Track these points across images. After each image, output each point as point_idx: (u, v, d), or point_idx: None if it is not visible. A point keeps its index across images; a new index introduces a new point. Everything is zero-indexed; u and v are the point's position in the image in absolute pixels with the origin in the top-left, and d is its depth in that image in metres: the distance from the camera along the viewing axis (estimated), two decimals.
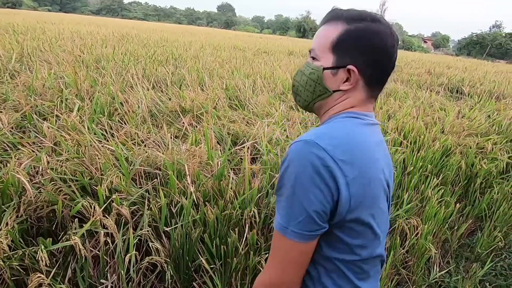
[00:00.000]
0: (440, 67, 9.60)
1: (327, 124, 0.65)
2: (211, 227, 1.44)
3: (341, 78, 0.64)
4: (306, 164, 0.56)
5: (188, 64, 4.64)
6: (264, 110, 3.13)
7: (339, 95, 0.66)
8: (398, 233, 1.88)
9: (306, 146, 0.57)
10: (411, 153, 2.53)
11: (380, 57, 0.63)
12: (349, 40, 0.62)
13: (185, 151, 1.91)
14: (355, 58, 0.62)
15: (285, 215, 0.58)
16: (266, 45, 12.47)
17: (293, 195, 0.57)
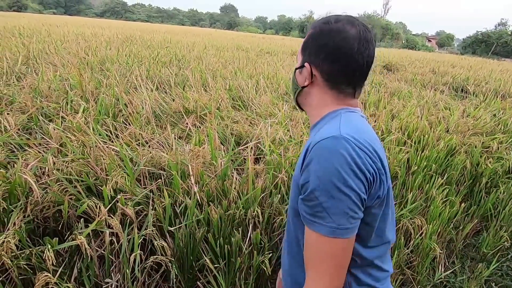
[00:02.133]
0: (445, 66, 9.52)
1: (334, 120, 0.67)
2: (215, 227, 1.45)
3: (304, 75, 0.71)
4: (342, 158, 0.57)
5: (191, 65, 4.67)
6: (267, 110, 3.14)
7: (308, 91, 0.72)
8: (403, 233, 1.87)
9: (337, 141, 0.58)
10: (415, 152, 2.52)
11: (337, 53, 0.65)
12: (309, 41, 0.70)
13: (189, 151, 1.92)
14: (311, 56, 0.70)
15: (331, 215, 0.57)
16: (269, 45, 12.48)
17: (337, 191, 0.56)
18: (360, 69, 0.67)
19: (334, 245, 0.58)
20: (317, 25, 0.70)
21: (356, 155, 0.58)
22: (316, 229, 0.59)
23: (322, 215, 0.57)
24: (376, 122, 2.96)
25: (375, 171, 0.60)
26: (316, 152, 0.59)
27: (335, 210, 0.57)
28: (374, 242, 0.67)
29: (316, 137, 0.62)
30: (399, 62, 9.33)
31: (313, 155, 0.59)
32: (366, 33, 0.66)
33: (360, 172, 0.57)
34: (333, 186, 0.56)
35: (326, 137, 0.60)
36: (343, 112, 0.68)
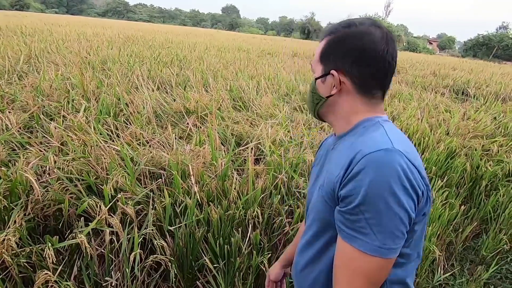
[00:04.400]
0: (446, 69, 9.53)
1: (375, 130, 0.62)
2: (215, 226, 1.45)
3: (330, 84, 0.66)
4: (396, 174, 0.53)
5: (192, 66, 4.68)
6: (268, 111, 3.14)
7: (335, 100, 0.68)
8: None
9: (391, 155, 0.54)
10: None
11: (367, 56, 0.62)
12: (330, 48, 0.66)
13: (189, 151, 1.93)
14: (336, 62, 0.65)
15: (376, 232, 0.53)
16: (270, 46, 12.50)
17: (386, 208, 0.52)
18: (390, 70, 0.64)
19: (372, 263, 0.54)
20: (338, 29, 0.66)
21: (409, 171, 0.54)
22: (356, 245, 0.55)
23: (366, 231, 0.53)
24: None
25: (424, 188, 0.57)
26: (367, 164, 0.54)
27: (382, 229, 0.53)
28: (407, 259, 0.63)
29: (363, 148, 0.57)
30: (400, 64, 9.33)
31: (363, 167, 0.54)
32: (390, 34, 0.64)
33: (412, 190, 0.54)
34: (384, 203, 0.52)
35: (378, 149, 0.55)
36: (381, 121, 0.64)
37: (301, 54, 9.98)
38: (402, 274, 0.64)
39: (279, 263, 1.02)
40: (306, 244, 0.73)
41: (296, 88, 4.18)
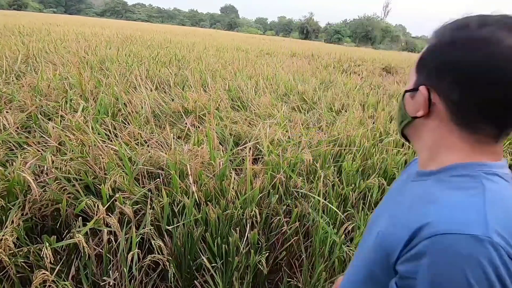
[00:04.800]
0: None
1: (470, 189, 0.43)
2: (213, 226, 1.46)
3: (419, 103, 0.49)
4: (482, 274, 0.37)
5: (191, 66, 4.68)
6: (266, 111, 3.15)
7: (424, 124, 0.50)
8: None
9: (479, 247, 0.37)
10: (413, 154, 2.53)
11: (475, 75, 0.43)
12: (429, 55, 0.49)
13: (188, 151, 1.93)
14: (431, 76, 0.48)
15: None
16: (269, 46, 12.51)
17: None
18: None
19: None
20: (446, 32, 0.47)
21: (504, 271, 0.37)
22: None
23: None
24: (375, 124, 2.98)
25: None
26: (439, 249, 0.39)
27: None
28: None
29: (438, 218, 0.41)
30: (398, 64, 9.37)
31: (432, 250, 0.39)
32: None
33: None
34: None
35: (462, 232, 0.38)
36: (485, 176, 0.44)
37: (299, 54, 9.99)
38: None
39: None
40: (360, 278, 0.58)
41: (294, 88, 4.18)
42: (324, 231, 1.60)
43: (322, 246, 1.60)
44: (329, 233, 1.57)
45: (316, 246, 1.62)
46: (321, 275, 1.42)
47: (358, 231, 1.70)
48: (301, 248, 1.65)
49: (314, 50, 12.72)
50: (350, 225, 1.73)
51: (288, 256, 1.70)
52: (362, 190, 2.01)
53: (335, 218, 1.79)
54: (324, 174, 1.97)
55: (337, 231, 1.66)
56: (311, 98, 3.82)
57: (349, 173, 2.07)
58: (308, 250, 1.68)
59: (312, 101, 3.75)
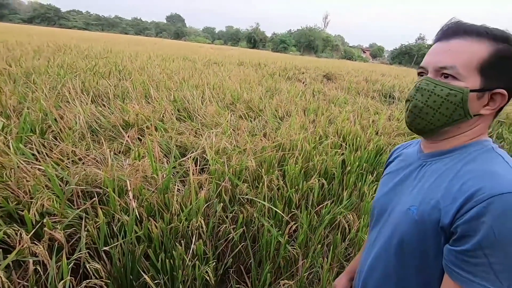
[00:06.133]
0: (376, 75, 10.63)
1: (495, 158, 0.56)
2: (156, 241, 1.42)
3: (483, 102, 0.57)
4: None
5: (132, 76, 4.48)
6: (213, 120, 3.16)
7: (474, 120, 0.59)
8: (340, 229, 2.04)
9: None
10: (350, 153, 2.77)
11: None
12: (500, 61, 0.55)
13: (128, 166, 1.85)
14: (504, 81, 0.56)
15: (504, 279, 0.49)
16: (217, 55, 12.56)
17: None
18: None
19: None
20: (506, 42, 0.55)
21: None
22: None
23: (488, 276, 0.49)
24: (315, 127, 3.19)
25: None
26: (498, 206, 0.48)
27: (508, 275, 0.49)
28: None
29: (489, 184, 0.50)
30: (337, 71, 10.14)
31: (492, 208, 0.48)
32: None
33: None
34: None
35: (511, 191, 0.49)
36: (495, 148, 0.59)
37: (247, 63, 10.22)
38: None
39: (346, 275, 0.94)
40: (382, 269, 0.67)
41: (241, 96, 4.27)
42: (269, 233, 1.67)
43: (268, 248, 1.66)
44: (273, 235, 1.63)
45: (263, 248, 1.67)
46: (267, 277, 1.47)
47: (301, 230, 1.80)
48: (249, 253, 1.69)
49: (261, 59, 13.13)
50: (294, 225, 1.82)
51: (238, 263, 1.73)
52: (305, 191, 2.14)
53: (280, 220, 1.87)
54: (269, 178, 2.05)
55: (282, 233, 1.73)
56: (257, 106, 3.94)
57: (292, 176, 2.19)
58: (256, 254, 1.72)
59: (258, 109, 3.87)
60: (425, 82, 0.60)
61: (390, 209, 0.68)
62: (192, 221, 1.54)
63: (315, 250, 1.77)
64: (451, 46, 0.57)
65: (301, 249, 1.76)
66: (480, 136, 0.60)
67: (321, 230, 1.86)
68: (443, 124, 0.59)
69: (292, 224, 1.79)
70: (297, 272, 1.69)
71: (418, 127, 0.62)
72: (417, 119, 0.61)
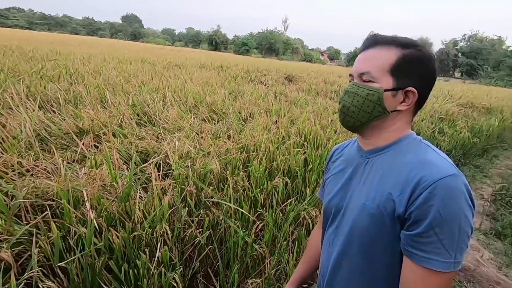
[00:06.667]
0: (333, 77, 11.18)
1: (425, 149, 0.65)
2: (118, 252, 1.36)
3: (399, 100, 0.66)
4: (464, 197, 0.57)
5: (86, 80, 4.22)
6: (175, 124, 3.10)
7: (394, 115, 0.68)
8: (304, 224, 2.12)
9: (458, 180, 0.58)
10: (311, 152, 2.89)
11: (432, 80, 0.67)
12: (407, 64, 0.65)
13: (84, 175, 1.75)
14: (414, 80, 0.66)
15: (450, 251, 0.57)
16: (178, 58, 12.28)
17: (460, 229, 0.57)
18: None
19: (446, 278, 0.58)
20: (410, 46, 0.66)
21: (470, 192, 0.59)
22: (432, 266, 0.58)
23: (440, 251, 0.57)
24: (278, 128, 3.28)
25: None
26: (439, 190, 0.57)
27: (455, 246, 0.57)
28: None
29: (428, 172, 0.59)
30: (298, 74, 10.49)
31: (435, 192, 0.57)
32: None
33: (473, 207, 0.59)
34: (458, 225, 0.56)
35: (446, 175, 0.57)
36: (421, 139, 0.68)
37: (209, 66, 10.13)
38: None
39: (293, 284, 0.97)
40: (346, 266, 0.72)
41: (204, 99, 4.24)
42: (236, 234, 1.69)
43: (236, 249, 1.68)
44: (240, 235, 1.66)
45: (230, 250, 1.68)
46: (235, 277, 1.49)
47: (267, 228, 1.85)
48: (216, 256, 1.69)
49: (224, 61, 13.10)
50: (260, 224, 1.86)
51: (206, 266, 1.72)
52: (270, 190, 2.19)
53: (247, 221, 1.90)
54: (234, 180, 2.07)
55: (249, 233, 1.76)
56: (220, 109, 3.94)
57: (257, 176, 2.23)
58: (224, 256, 1.73)
59: (221, 111, 3.87)
60: (351, 86, 0.70)
61: (344, 208, 0.73)
62: (156, 228, 1.50)
63: (281, 247, 1.82)
64: (368, 55, 0.68)
65: (268, 247, 1.80)
66: (407, 131, 0.69)
67: (287, 227, 1.92)
68: (367, 120, 0.68)
69: (258, 223, 1.83)
70: (265, 270, 1.73)
71: (348, 124, 0.71)
72: (346, 117, 0.70)
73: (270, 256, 1.75)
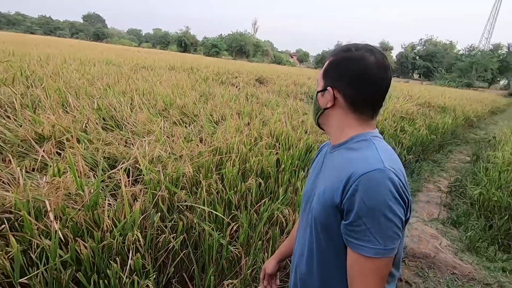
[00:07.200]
0: (303, 78, 11.48)
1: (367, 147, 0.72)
2: (87, 262, 1.30)
3: (327, 98, 0.76)
4: (388, 190, 0.63)
5: (45, 83, 3.95)
6: (144, 128, 3.01)
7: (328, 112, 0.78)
8: (278, 223, 2.17)
9: (384, 175, 0.64)
10: (283, 152, 2.96)
11: (359, 79, 0.72)
12: (331, 67, 0.76)
13: (46, 184, 1.65)
14: (333, 81, 0.76)
15: (377, 239, 0.63)
16: (145, 59, 11.89)
17: (384, 219, 0.63)
18: (380, 93, 0.73)
19: (379, 263, 0.65)
20: (339, 52, 0.75)
21: (399, 186, 0.65)
22: (364, 252, 0.64)
23: (369, 239, 0.63)
24: (250, 130, 3.31)
25: (409, 198, 0.68)
26: (364, 183, 0.64)
27: (382, 234, 0.63)
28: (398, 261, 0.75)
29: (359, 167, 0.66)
30: (269, 75, 10.64)
31: (360, 185, 0.64)
32: (383, 60, 0.72)
33: (401, 200, 0.65)
34: (382, 214, 0.63)
35: (373, 169, 0.64)
36: (372, 138, 0.74)
37: (178, 68, 9.94)
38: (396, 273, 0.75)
39: (274, 258, 1.09)
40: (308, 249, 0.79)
41: (174, 102, 4.15)
42: (211, 237, 1.68)
43: (211, 252, 1.68)
44: (215, 238, 1.66)
45: (206, 253, 1.68)
46: (211, 280, 1.49)
47: (242, 229, 1.86)
48: (191, 260, 1.68)
49: (194, 63, 12.91)
50: (235, 225, 1.88)
51: (180, 271, 1.70)
52: (244, 191, 2.21)
53: (221, 223, 1.90)
54: (207, 183, 2.06)
55: (224, 235, 1.77)
56: (191, 111, 3.89)
57: (231, 178, 2.24)
58: (199, 260, 1.72)
59: (193, 114, 3.82)
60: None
61: (312, 196, 0.81)
62: (127, 236, 1.46)
63: (257, 246, 1.85)
64: None
65: (243, 248, 1.82)
66: (359, 130, 0.76)
67: (261, 227, 1.95)
68: (314, 117, 0.83)
69: (233, 225, 1.84)
70: (241, 271, 1.75)
71: (314, 122, 0.85)
72: (311, 116, 0.88)
73: (245, 257, 1.76)
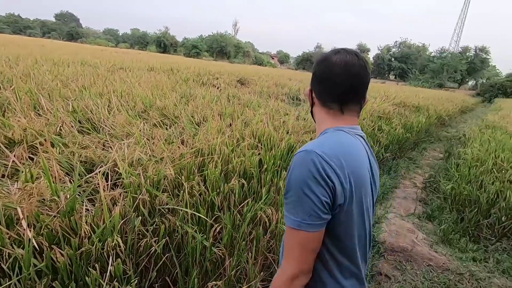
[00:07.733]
0: (284, 79, 11.60)
1: (322, 136, 0.83)
2: (64, 271, 1.25)
3: (309, 98, 0.91)
4: (308, 169, 0.71)
5: (14, 85, 3.75)
6: (123, 130, 2.93)
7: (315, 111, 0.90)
8: (261, 223, 2.18)
9: (307, 154, 0.73)
10: (265, 153, 2.98)
11: (321, 77, 0.83)
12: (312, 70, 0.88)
13: (18, 191, 1.57)
14: (311, 82, 0.89)
15: (297, 212, 0.71)
16: (123, 60, 11.56)
17: (302, 194, 0.71)
18: (342, 89, 0.81)
19: (300, 236, 0.72)
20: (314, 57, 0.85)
21: (320, 167, 0.71)
22: (288, 222, 0.73)
23: (293, 211, 0.72)
24: (232, 131, 3.31)
25: (338, 181, 0.72)
26: (293, 161, 0.75)
27: (301, 208, 0.71)
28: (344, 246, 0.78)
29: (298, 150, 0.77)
30: (250, 76, 10.66)
31: (292, 164, 0.75)
32: (348, 59, 0.79)
33: (323, 181, 0.71)
34: (300, 190, 0.71)
35: (302, 150, 0.75)
36: (331, 131, 0.83)
37: (158, 68, 9.75)
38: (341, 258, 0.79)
39: None
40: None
41: (153, 103, 4.07)
42: (194, 239, 1.67)
43: (194, 254, 1.66)
44: (198, 240, 1.64)
45: (189, 255, 1.66)
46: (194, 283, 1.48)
47: (225, 230, 1.86)
48: (174, 263, 1.65)
49: (174, 64, 12.70)
50: (218, 227, 1.87)
51: (163, 275, 1.67)
52: (226, 192, 2.21)
53: (204, 225, 1.88)
54: (189, 185, 2.03)
55: (207, 237, 1.75)
56: (172, 113, 3.83)
57: (213, 180, 2.23)
58: (182, 263, 1.70)
59: (173, 116, 3.76)
60: None
61: None
62: (107, 241, 1.42)
63: (240, 247, 1.85)
64: None
65: (227, 249, 1.81)
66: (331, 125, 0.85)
67: (244, 227, 1.96)
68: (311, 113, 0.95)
69: (216, 226, 1.83)
70: (225, 272, 1.74)
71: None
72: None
73: (229, 258, 1.76)
